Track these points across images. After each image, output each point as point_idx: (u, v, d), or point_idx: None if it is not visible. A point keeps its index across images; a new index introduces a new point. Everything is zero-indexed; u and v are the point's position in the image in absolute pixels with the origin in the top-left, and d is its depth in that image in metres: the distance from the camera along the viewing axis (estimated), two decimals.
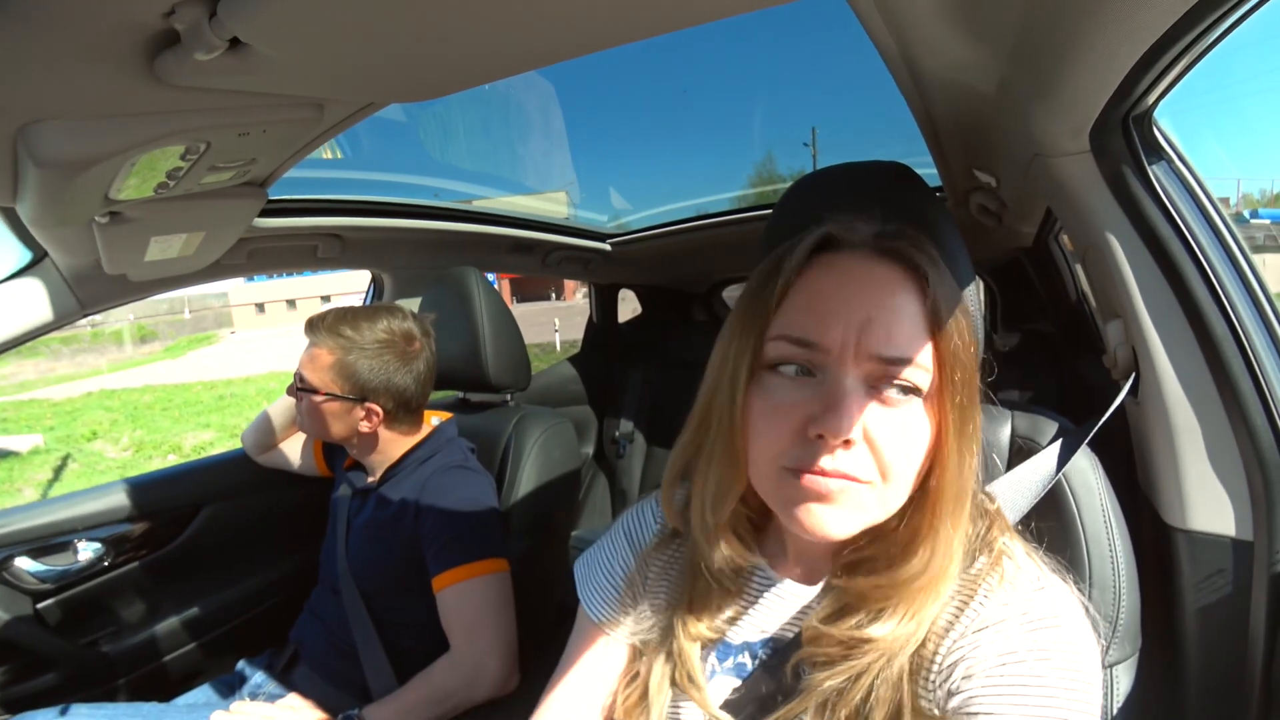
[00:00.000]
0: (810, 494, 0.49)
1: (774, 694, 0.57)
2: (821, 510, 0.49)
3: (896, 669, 0.51)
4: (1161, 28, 0.57)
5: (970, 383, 0.51)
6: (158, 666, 1.49)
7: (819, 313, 0.50)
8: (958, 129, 1.06)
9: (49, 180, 0.67)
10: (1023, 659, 0.49)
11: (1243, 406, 0.76)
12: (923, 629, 0.52)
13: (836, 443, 0.47)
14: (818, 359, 0.50)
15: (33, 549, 1.38)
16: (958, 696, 0.49)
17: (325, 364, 1.24)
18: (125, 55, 0.52)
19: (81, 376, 17.94)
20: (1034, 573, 0.54)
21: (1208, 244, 0.79)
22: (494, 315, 1.44)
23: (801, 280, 0.52)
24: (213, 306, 35.02)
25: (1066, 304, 1.98)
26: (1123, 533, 0.71)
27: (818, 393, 0.49)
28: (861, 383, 0.49)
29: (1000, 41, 0.73)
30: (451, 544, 1.17)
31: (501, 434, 1.41)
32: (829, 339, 0.49)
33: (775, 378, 0.51)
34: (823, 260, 0.53)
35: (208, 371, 16.61)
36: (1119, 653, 0.71)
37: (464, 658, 1.12)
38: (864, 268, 0.51)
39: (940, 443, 0.50)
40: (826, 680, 0.52)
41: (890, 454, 0.49)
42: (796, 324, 0.51)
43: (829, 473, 0.48)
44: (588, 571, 0.72)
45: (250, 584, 1.65)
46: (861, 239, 0.53)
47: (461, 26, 0.54)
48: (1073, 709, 0.47)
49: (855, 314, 0.49)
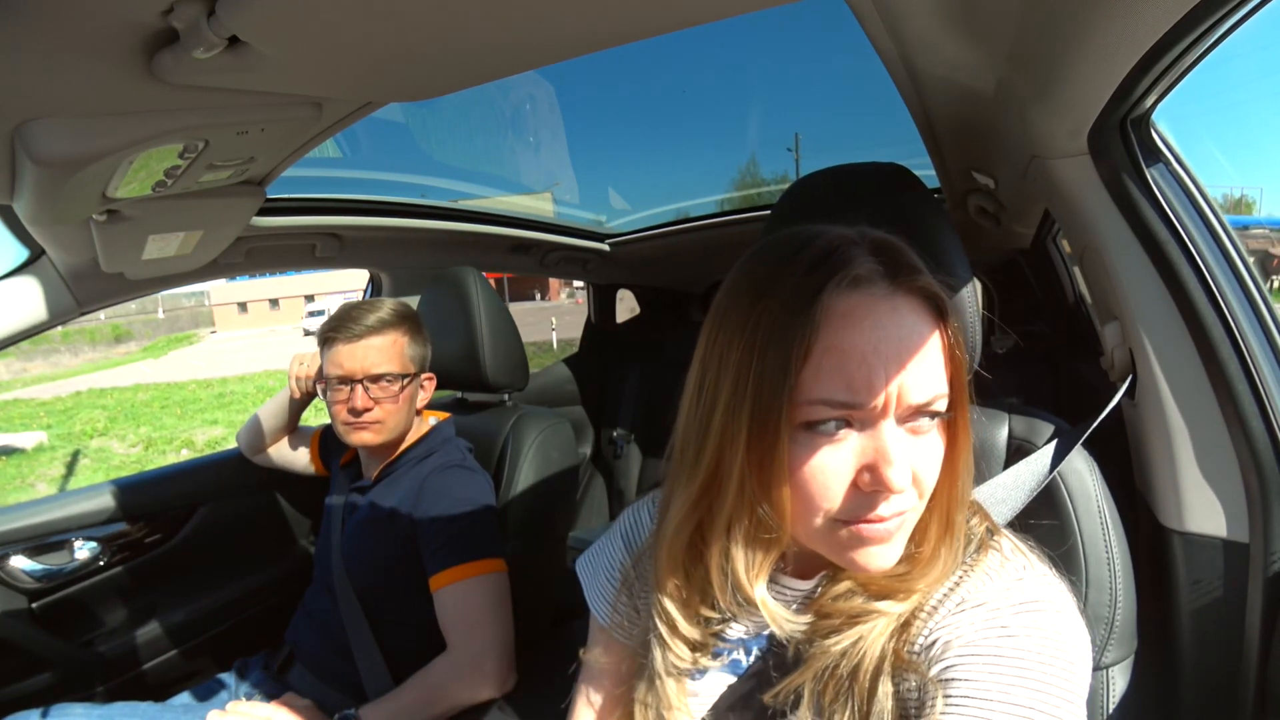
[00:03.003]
0: (870, 539, 0.50)
1: (772, 679, 0.58)
2: (878, 550, 0.51)
3: (889, 627, 0.53)
4: (1160, 30, 0.58)
5: (967, 390, 0.53)
6: (153, 666, 1.49)
7: (858, 376, 0.47)
8: (956, 130, 1.06)
9: (47, 178, 0.67)
10: (1004, 634, 0.50)
11: (1239, 409, 0.76)
12: (918, 604, 0.54)
13: (896, 492, 0.48)
14: (857, 416, 0.49)
15: (29, 548, 1.38)
16: (938, 665, 0.51)
17: (401, 349, 1.28)
18: (124, 53, 0.52)
19: (61, 376, 17.78)
20: (1021, 562, 0.56)
21: (1205, 247, 0.79)
22: (492, 315, 1.44)
23: (823, 335, 0.48)
24: (186, 306, 34.26)
25: (1064, 305, 1.98)
26: (1119, 534, 0.71)
27: (863, 446, 0.49)
28: (901, 426, 0.50)
29: (999, 43, 0.73)
30: (449, 543, 1.17)
31: (499, 434, 1.41)
32: (873, 399, 0.47)
33: (815, 436, 0.49)
34: (839, 308, 0.48)
35: (197, 370, 16.56)
36: (1115, 654, 0.71)
37: (461, 657, 1.12)
38: (888, 312, 0.49)
39: (957, 454, 0.53)
40: (834, 645, 0.53)
41: (927, 477, 0.51)
42: (832, 387, 0.48)
43: (887, 518, 0.49)
44: (592, 574, 0.73)
45: (246, 583, 1.65)
46: (869, 275, 0.49)
47: (459, 26, 0.54)
48: (1048, 686, 0.47)
49: (891, 369, 0.48)
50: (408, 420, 1.31)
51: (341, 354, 1.25)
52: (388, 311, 1.28)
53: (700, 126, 7.04)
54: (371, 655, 1.19)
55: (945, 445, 0.52)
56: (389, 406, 1.26)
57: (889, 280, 0.49)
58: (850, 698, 0.52)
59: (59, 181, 0.68)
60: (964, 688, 0.48)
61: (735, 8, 0.55)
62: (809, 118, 9.36)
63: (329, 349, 1.27)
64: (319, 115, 0.73)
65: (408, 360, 1.29)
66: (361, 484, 1.33)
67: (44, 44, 0.48)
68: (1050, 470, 0.72)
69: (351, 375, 1.24)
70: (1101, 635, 0.70)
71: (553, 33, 0.58)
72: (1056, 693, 0.47)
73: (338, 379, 1.25)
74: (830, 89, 7.32)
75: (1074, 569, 0.70)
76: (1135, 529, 0.77)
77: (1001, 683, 0.47)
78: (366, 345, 1.25)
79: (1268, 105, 27.11)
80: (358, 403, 1.23)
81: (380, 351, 1.25)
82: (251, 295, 37.02)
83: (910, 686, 0.52)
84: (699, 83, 6.55)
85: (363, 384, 1.24)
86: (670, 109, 7.59)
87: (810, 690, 0.54)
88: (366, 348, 1.25)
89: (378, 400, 1.25)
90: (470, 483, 1.25)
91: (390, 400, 1.26)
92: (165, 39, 0.51)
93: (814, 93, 7.17)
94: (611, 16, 0.56)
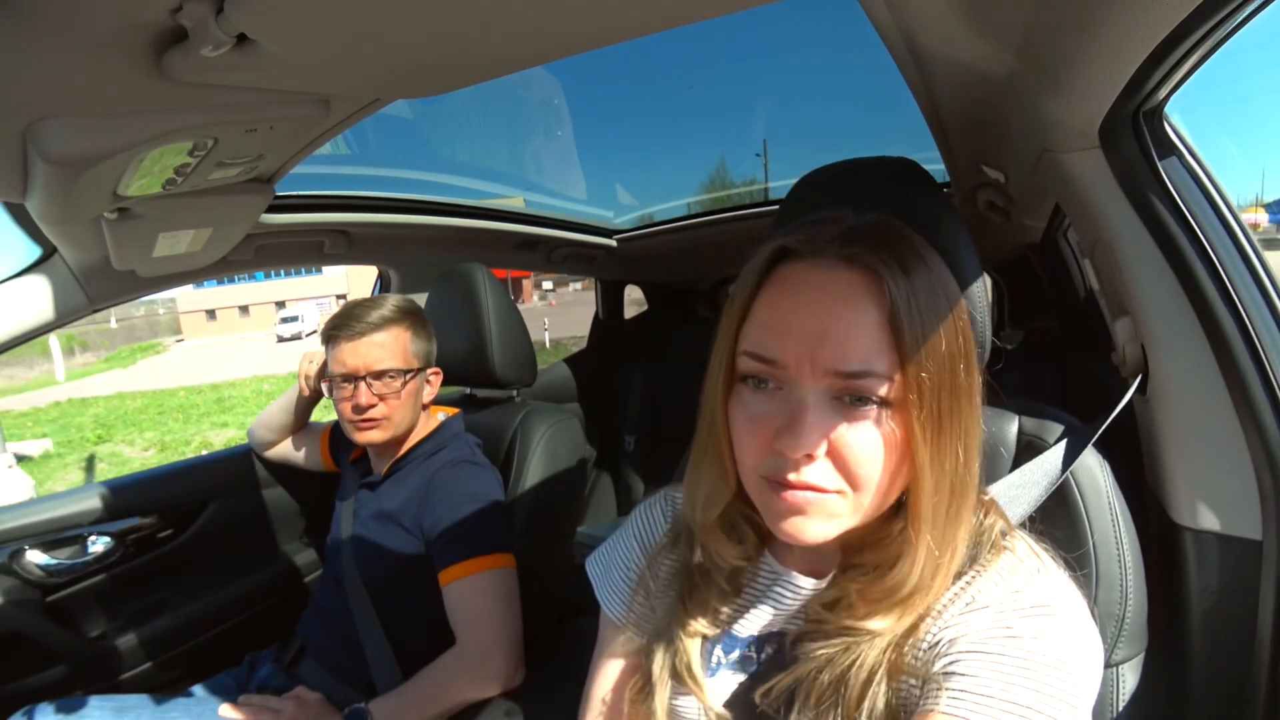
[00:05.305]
0: (785, 504, 0.51)
1: (767, 679, 0.58)
2: (798, 520, 0.51)
3: (886, 643, 0.53)
4: (1173, 21, 0.57)
5: (950, 384, 0.50)
6: (165, 660, 1.51)
7: (776, 330, 0.51)
8: (965, 125, 1.05)
9: (58, 177, 0.67)
10: (1009, 635, 0.49)
11: (1253, 405, 0.75)
12: (920, 618, 0.53)
13: (798, 456, 0.49)
14: (779, 374, 0.51)
15: (43, 542, 1.39)
16: (941, 660, 0.50)
17: (404, 344, 1.29)
18: (133, 52, 0.52)
19: (29, 388, 17.47)
20: (1034, 564, 0.55)
21: (1218, 241, 0.78)
22: (500, 311, 1.44)
23: (764, 293, 0.53)
24: (138, 316, 32.71)
25: (1074, 300, 1.97)
26: (1130, 530, 0.71)
27: (782, 407, 0.50)
28: (824, 395, 0.49)
29: (1009, 35, 0.72)
30: (458, 538, 1.18)
31: (507, 430, 1.41)
32: (785, 356, 0.50)
33: (747, 390, 0.53)
34: (783, 273, 0.53)
35: (176, 379, 16.51)
36: (1125, 651, 0.71)
37: (470, 652, 1.12)
38: (821, 279, 0.51)
39: (913, 451, 0.50)
40: (821, 650, 0.53)
41: (855, 464, 0.49)
42: (758, 340, 0.52)
43: (795, 484, 0.50)
44: (604, 572, 0.73)
45: (257, 578, 1.67)
46: (821, 247, 0.51)
47: (467, 22, 0.54)
48: (1050, 688, 0.46)
49: (809, 329, 0.49)
50: (414, 416, 1.32)
51: (345, 351, 1.25)
52: (390, 308, 1.29)
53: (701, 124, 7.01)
54: (381, 650, 1.20)
55: (901, 438, 0.50)
56: (393, 403, 1.26)
57: (839, 253, 0.51)
58: (839, 702, 0.52)
59: (70, 180, 0.68)
60: (964, 682, 0.48)
61: (744, 1, 0.55)
62: (817, 112, 9.31)
63: (333, 347, 1.27)
64: (327, 112, 0.73)
65: (411, 356, 1.30)
66: (371, 480, 1.34)
67: (54, 44, 0.48)
68: (1063, 468, 0.71)
69: (355, 372, 1.25)
70: (1112, 632, 0.70)
71: (561, 28, 0.58)
72: (1059, 696, 0.46)
73: (342, 377, 1.26)
74: (838, 84, 7.26)
75: (1085, 566, 0.70)
76: (1146, 526, 0.76)
77: (1002, 681, 0.47)
78: (369, 342, 1.25)
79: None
80: (361, 399, 1.24)
81: (383, 348, 1.26)
82: (220, 302, 36.04)
83: (908, 685, 0.51)
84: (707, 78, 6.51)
85: (366, 380, 1.24)
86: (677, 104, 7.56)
87: (799, 692, 0.54)
88: (369, 344, 1.25)
89: (382, 397, 1.25)
90: (479, 478, 1.26)
91: (394, 396, 1.26)
92: (174, 37, 0.51)
93: (822, 87, 7.10)
94: (622, 11, 0.55)
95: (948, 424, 0.50)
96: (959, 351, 0.51)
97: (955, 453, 0.51)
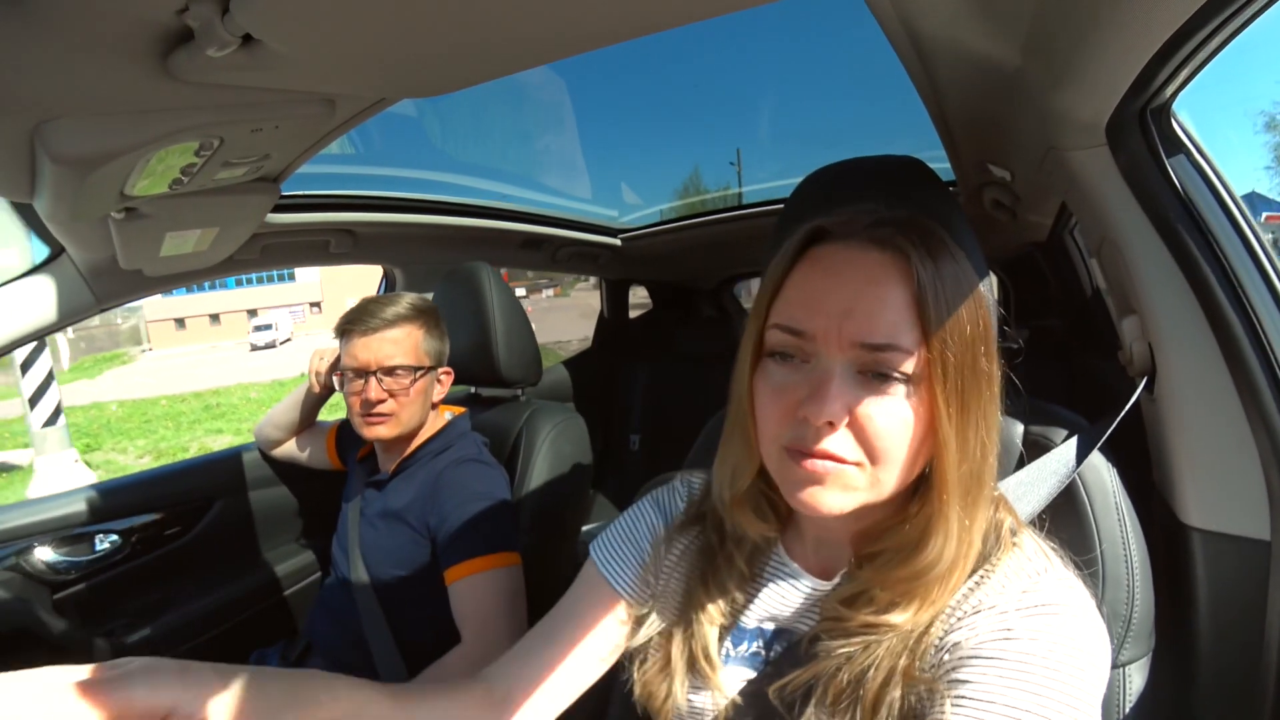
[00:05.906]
0: (804, 473, 0.52)
1: (781, 675, 0.58)
2: (815, 489, 0.52)
3: (902, 644, 0.53)
4: (1182, 16, 0.56)
5: (972, 366, 0.51)
6: (172, 657, 1.51)
7: (806, 303, 0.53)
8: (971, 123, 1.05)
9: (65, 176, 0.67)
10: (1008, 637, 0.50)
11: (1261, 405, 0.75)
12: (936, 613, 0.53)
13: (819, 424, 0.50)
14: (808, 346, 0.52)
15: (52, 540, 1.40)
16: (946, 668, 0.51)
17: (416, 342, 1.29)
18: (139, 52, 0.52)
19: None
20: (1041, 563, 0.55)
21: (1226, 239, 0.78)
22: (506, 310, 1.44)
23: (796, 272, 0.55)
24: (95, 326, 30.36)
25: (1080, 299, 1.95)
26: (1137, 531, 0.70)
27: (808, 378, 0.52)
28: (849, 368, 0.51)
29: (1015, 32, 0.72)
30: (465, 536, 1.18)
31: (512, 429, 1.41)
32: (814, 327, 0.52)
33: (773, 364, 0.55)
34: (815, 253, 0.55)
35: (149, 388, 16.13)
36: (1132, 651, 0.71)
37: (475, 650, 1.12)
38: (851, 257, 0.53)
39: (937, 427, 0.51)
40: (841, 648, 0.54)
41: (875, 436, 0.50)
42: (787, 314, 0.54)
43: (815, 453, 0.51)
44: (608, 536, 0.74)
45: (263, 576, 1.67)
46: (854, 230, 0.54)
47: (473, 21, 0.54)
48: (1051, 690, 0.46)
49: (838, 303, 0.51)
50: (422, 414, 1.32)
51: (357, 346, 1.26)
52: (404, 305, 1.30)
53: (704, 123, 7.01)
54: (387, 648, 1.20)
55: (925, 416, 0.51)
56: (402, 399, 1.27)
57: (871, 235, 0.53)
58: (857, 702, 0.52)
59: (77, 180, 0.68)
60: (964, 689, 0.48)
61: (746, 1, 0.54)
62: (822, 109, 9.28)
63: (346, 341, 1.29)
64: (332, 112, 0.74)
65: (423, 354, 1.30)
66: (378, 478, 1.35)
67: (61, 44, 0.49)
68: (1072, 468, 0.71)
69: (366, 367, 1.25)
70: (1119, 633, 0.70)
71: (568, 26, 0.58)
72: (1061, 698, 0.46)
73: (353, 371, 1.27)
74: (843, 81, 7.25)
75: (1091, 566, 0.69)
76: (1153, 526, 0.76)
77: (1001, 685, 0.47)
78: (382, 338, 1.26)
79: None
80: (371, 394, 1.24)
81: (395, 344, 1.26)
82: (190, 310, 34.80)
83: (921, 693, 0.51)
84: (713, 75, 6.52)
85: (376, 376, 1.25)
86: (679, 103, 7.57)
87: (816, 690, 0.54)
88: (381, 340, 1.26)
89: (391, 393, 1.26)
90: (486, 477, 1.26)
91: (403, 393, 1.27)
92: (180, 38, 0.51)
93: (826, 85, 7.09)
94: (629, 8, 0.55)
95: (971, 402, 0.51)
96: (980, 337, 0.52)
97: (979, 433, 0.52)
